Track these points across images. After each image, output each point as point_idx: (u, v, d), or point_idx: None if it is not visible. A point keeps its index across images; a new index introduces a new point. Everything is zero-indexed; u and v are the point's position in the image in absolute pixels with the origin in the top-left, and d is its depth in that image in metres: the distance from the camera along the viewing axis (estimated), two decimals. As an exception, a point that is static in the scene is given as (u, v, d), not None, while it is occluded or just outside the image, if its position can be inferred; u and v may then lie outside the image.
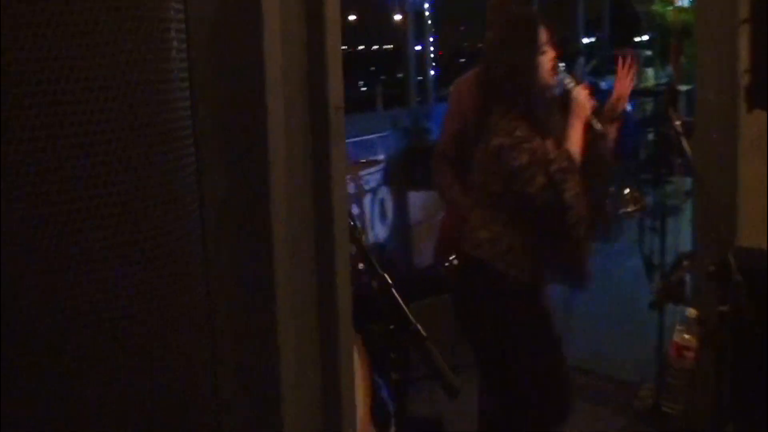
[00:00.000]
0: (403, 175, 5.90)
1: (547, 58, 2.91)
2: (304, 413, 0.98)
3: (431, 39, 6.78)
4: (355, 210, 4.95)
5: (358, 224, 3.77)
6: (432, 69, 6.89)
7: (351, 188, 4.92)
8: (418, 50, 6.75)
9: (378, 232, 5.82)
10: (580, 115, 2.87)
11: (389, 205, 5.91)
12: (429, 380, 4.53)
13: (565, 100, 2.95)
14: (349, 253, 0.99)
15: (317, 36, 0.99)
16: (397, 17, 6.41)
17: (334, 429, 1.01)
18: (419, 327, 1.39)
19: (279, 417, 0.91)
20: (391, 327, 1.36)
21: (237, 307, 0.98)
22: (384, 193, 5.85)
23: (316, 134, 1.03)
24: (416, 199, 5.82)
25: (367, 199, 5.65)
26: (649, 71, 7.89)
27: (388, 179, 5.84)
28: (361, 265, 3.80)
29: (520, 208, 2.87)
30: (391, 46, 6.59)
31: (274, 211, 0.94)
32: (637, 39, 11.23)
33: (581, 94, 2.88)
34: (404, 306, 1.38)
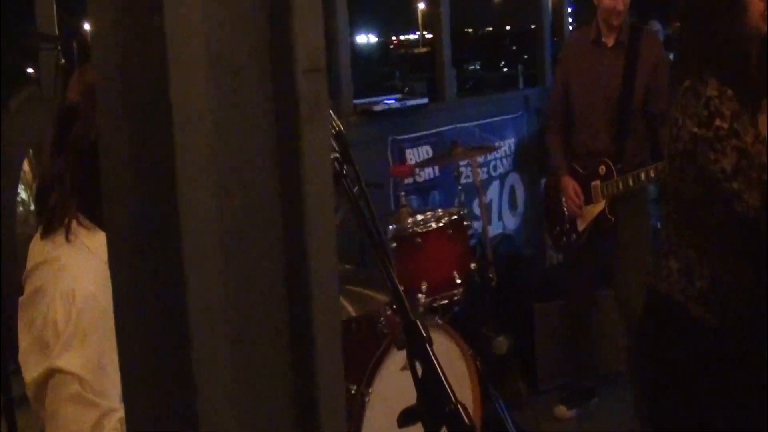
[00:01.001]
0: (536, 159, 5.43)
1: None
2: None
3: (569, 9, 6.28)
4: (471, 200, 4.56)
5: (467, 219, 3.47)
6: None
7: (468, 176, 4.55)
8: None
9: (507, 222, 5.39)
10: None
11: (519, 193, 5.47)
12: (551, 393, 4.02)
13: None
14: (334, 265, 0.68)
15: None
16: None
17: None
18: (462, 412, 0.93)
19: None
20: (423, 404, 0.92)
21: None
22: (514, 179, 5.42)
23: (280, 109, 0.69)
24: (550, 185, 5.32)
25: (494, 187, 5.24)
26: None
27: (518, 164, 5.40)
28: (473, 265, 3.45)
29: (723, 229, 2.01)
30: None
31: (185, 220, 0.62)
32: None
33: None
34: (444, 374, 0.95)
